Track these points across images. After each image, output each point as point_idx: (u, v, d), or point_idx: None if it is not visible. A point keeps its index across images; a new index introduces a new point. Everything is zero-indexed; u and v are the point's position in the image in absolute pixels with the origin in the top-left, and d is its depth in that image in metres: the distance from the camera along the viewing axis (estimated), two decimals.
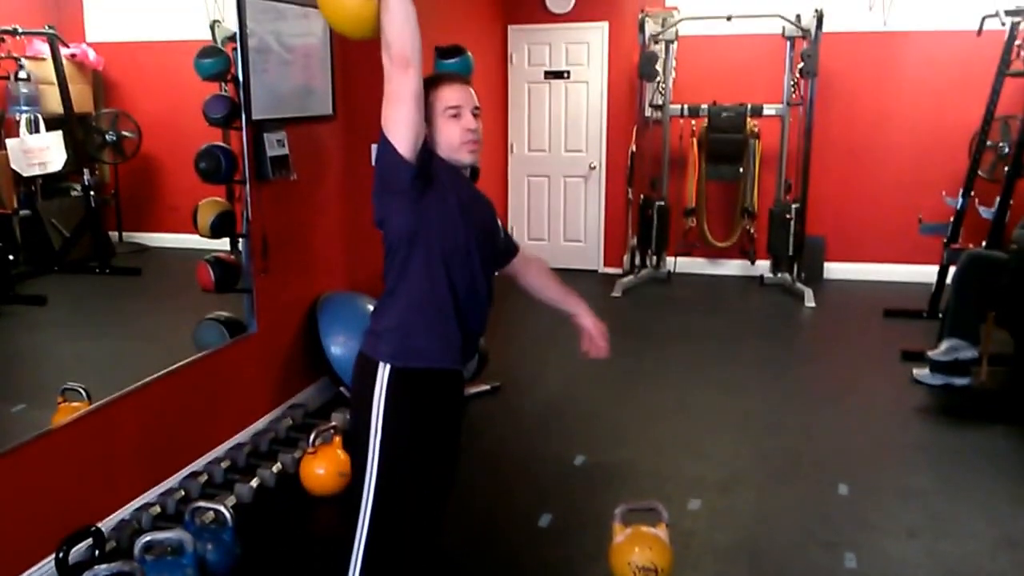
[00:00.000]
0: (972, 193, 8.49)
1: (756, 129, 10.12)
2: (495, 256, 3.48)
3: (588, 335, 3.71)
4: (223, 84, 5.48)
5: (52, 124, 5.43)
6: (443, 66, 6.16)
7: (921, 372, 6.91)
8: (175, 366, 5.18)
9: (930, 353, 6.78)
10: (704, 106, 10.10)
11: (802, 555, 4.56)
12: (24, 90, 5.29)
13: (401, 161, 3.04)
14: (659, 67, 10.05)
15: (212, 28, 5.62)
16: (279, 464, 5.36)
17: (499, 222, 3.51)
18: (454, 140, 3.25)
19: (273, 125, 5.69)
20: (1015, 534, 4.78)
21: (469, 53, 5.96)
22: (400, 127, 3.01)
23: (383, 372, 3.20)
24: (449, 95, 3.25)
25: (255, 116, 5.55)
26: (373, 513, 3.24)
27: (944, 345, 6.70)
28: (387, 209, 3.19)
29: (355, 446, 3.35)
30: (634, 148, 10.45)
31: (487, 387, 6.83)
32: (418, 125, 3.04)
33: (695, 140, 10.35)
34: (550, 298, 3.75)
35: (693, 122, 10.33)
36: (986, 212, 8.02)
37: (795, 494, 5.25)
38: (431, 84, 3.24)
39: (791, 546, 4.65)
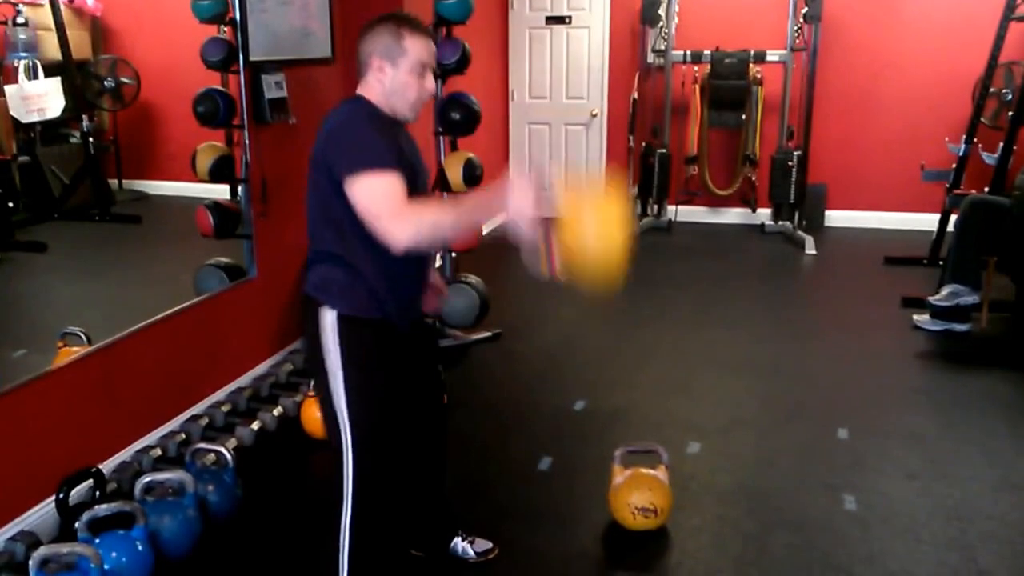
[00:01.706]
0: (975, 139, 8.44)
1: (759, 75, 10.07)
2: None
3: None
4: (221, 27, 5.45)
5: (50, 70, 5.40)
6: (442, 7, 6.15)
7: (922, 318, 6.92)
8: (175, 309, 5.17)
9: (931, 299, 6.79)
10: (707, 52, 10.04)
11: (801, 497, 4.57)
12: (22, 36, 5.26)
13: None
14: (662, 12, 10.02)
15: None
16: (280, 408, 5.37)
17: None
18: (411, 97, 3.24)
19: (271, 67, 5.66)
20: (1015, 477, 4.79)
21: None
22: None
23: (329, 316, 3.22)
24: (423, 50, 3.22)
25: (253, 58, 5.51)
26: (355, 453, 3.26)
27: (945, 291, 6.71)
28: (323, 176, 3.21)
29: (320, 387, 3.34)
30: (636, 95, 10.41)
31: (487, 334, 6.83)
32: None
33: (697, 87, 10.29)
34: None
35: (696, 68, 10.27)
36: (989, 158, 7.98)
37: (795, 438, 5.26)
38: (406, 25, 3.21)
39: (790, 489, 4.67)
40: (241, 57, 5.44)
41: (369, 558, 3.41)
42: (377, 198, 2.98)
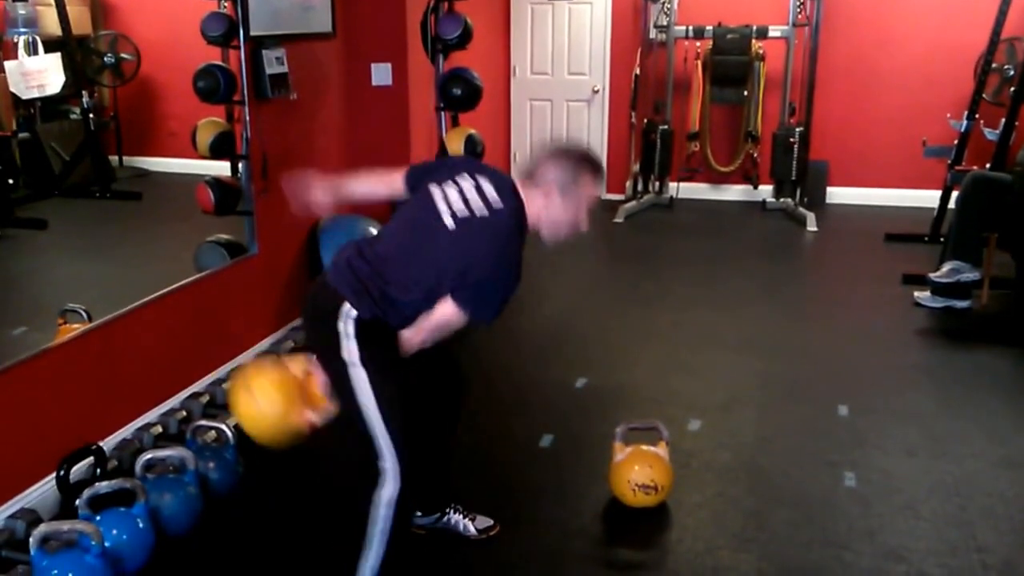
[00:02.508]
0: (977, 116, 8.43)
1: (761, 51, 10.04)
2: None
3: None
4: (221, 1, 5.43)
5: (50, 46, 5.39)
6: None
7: (922, 295, 6.92)
8: (175, 286, 5.16)
9: (931, 275, 6.78)
10: (709, 27, 10.00)
11: (802, 475, 4.58)
12: (22, 11, 5.25)
13: None
14: None
15: None
16: None
17: None
18: (565, 230, 3.41)
19: (272, 42, 5.63)
20: (1015, 454, 4.80)
21: None
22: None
23: (349, 311, 3.27)
24: (592, 195, 3.38)
25: (253, 33, 5.48)
26: (388, 429, 3.30)
27: (946, 267, 6.70)
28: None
29: (331, 369, 3.39)
30: (638, 71, 10.37)
31: None
32: None
33: (700, 63, 10.26)
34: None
35: (698, 44, 10.24)
36: (991, 134, 7.97)
37: (795, 415, 5.27)
38: (589, 165, 3.38)
39: (791, 466, 4.67)
40: (241, 32, 5.41)
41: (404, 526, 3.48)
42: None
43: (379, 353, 3.28)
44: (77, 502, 3.77)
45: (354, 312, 3.23)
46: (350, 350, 3.24)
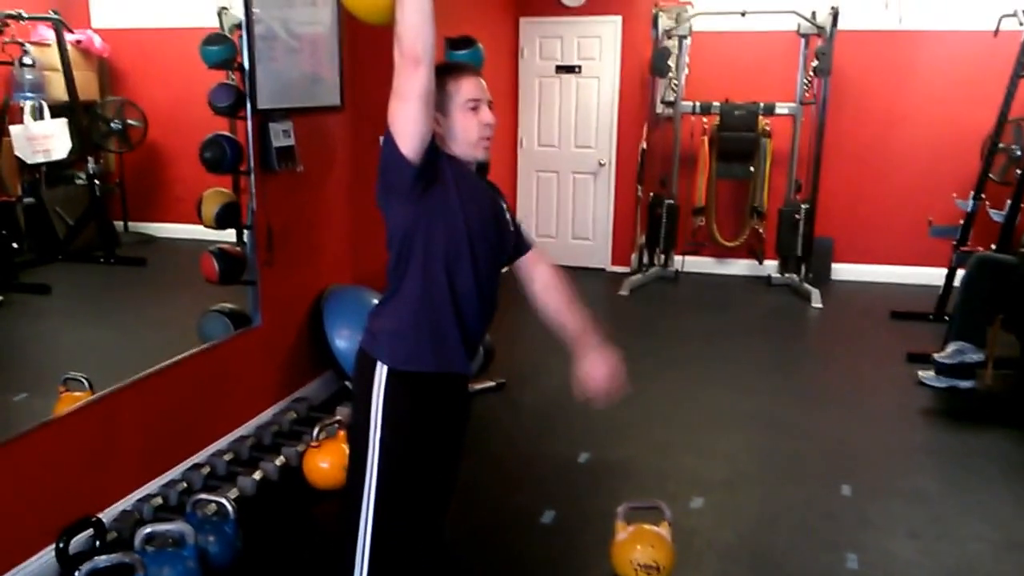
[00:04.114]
0: (983, 196, 8.45)
1: (768, 128, 10.08)
2: (503, 253, 3.38)
3: (589, 374, 3.56)
4: (229, 72, 5.45)
5: (57, 111, 5.41)
6: (453, 57, 6.14)
7: (926, 374, 6.88)
8: (178, 357, 5.15)
9: (936, 355, 6.75)
10: (716, 104, 10.05)
11: (804, 555, 4.54)
12: (29, 76, 5.27)
13: (403, 160, 2.95)
14: (672, 63, 10.01)
15: (219, 15, 5.60)
16: (282, 457, 5.34)
17: (509, 216, 3.40)
18: (471, 135, 3.17)
19: (279, 115, 5.66)
20: (1019, 537, 4.76)
21: (480, 45, 5.96)
22: (405, 125, 2.92)
23: (380, 372, 3.13)
24: (468, 87, 3.17)
25: (261, 105, 5.51)
26: (375, 510, 3.17)
27: (950, 348, 6.67)
28: (388, 205, 3.11)
29: (355, 440, 3.27)
30: (644, 145, 10.42)
31: (491, 384, 6.80)
32: (424, 124, 2.93)
33: (706, 138, 10.31)
34: (554, 319, 3.61)
35: (705, 120, 10.29)
36: (996, 215, 7.98)
37: (798, 494, 5.22)
38: (448, 73, 3.17)
39: (793, 546, 4.63)
40: (249, 104, 5.44)
41: None
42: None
43: (406, 421, 3.20)
44: (76, 575, 3.74)
45: (383, 368, 3.15)
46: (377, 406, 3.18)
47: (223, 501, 4.47)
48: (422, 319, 3.14)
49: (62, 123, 5.44)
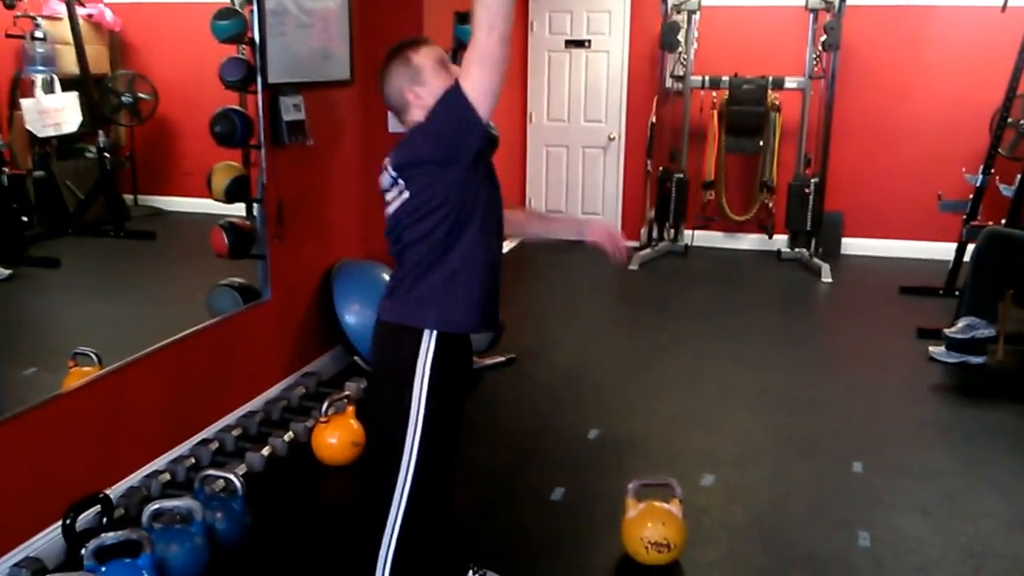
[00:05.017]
0: (992, 170, 8.42)
1: (777, 102, 10.05)
2: None
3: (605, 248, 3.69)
4: (240, 46, 5.42)
5: (68, 85, 5.42)
6: (462, 31, 6.14)
7: (937, 350, 6.88)
8: (187, 332, 5.14)
9: (947, 331, 6.75)
10: (725, 78, 10.04)
11: (815, 533, 4.53)
12: (40, 50, 5.27)
13: (478, 125, 3.02)
14: (681, 37, 9.99)
15: None
16: (291, 433, 5.33)
17: None
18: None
19: (290, 89, 5.63)
20: None
21: None
22: (491, 90, 2.98)
23: (428, 339, 3.19)
24: (433, 55, 3.30)
25: (271, 80, 5.48)
26: (415, 476, 3.23)
27: (961, 323, 6.67)
28: (433, 177, 3.14)
29: (386, 412, 3.34)
30: (654, 119, 10.40)
31: (502, 359, 6.78)
32: (498, 94, 3.03)
33: (715, 112, 10.28)
34: (552, 231, 3.97)
35: (714, 94, 10.26)
36: (1006, 190, 7.96)
37: (809, 471, 5.22)
38: (403, 50, 3.31)
39: (804, 523, 4.62)
40: (260, 79, 5.41)
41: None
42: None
43: (446, 389, 3.29)
44: (83, 551, 3.74)
45: (432, 334, 3.23)
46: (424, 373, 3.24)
47: (231, 477, 4.45)
48: (471, 281, 3.22)
49: (73, 97, 5.44)
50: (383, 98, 3.35)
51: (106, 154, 5.83)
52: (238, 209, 5.64)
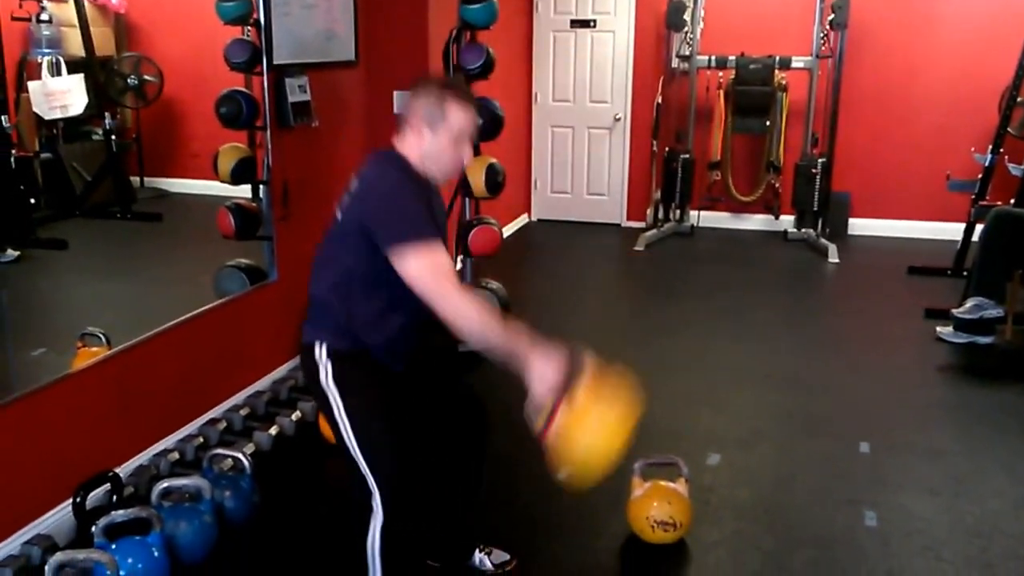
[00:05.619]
0: (1001, 150, 8.38)
1: (784, 82, 10.02)
2: None
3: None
4: (245, 28, 5.42)
5: (74, 67, 5.41)
6: (467, 12, 6.12)
7: (945, 330, 6.88)
8: (195, 312, 5.16)
9: (955, 311, 6.75)
10: (732, 58, 10.01)
11: (822, 513, 4.54)
12: (46, 32, 5.26)
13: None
14: (687, 17, 9.98)
15: None
16: (298, 412, 5.34)
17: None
18: (446, 165, 3.33)
19: (295, 70, 5.63)
20: None
21: None
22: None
23: (320, 350, 3.34)
24: (464, 120, 3.27)
25: (276, 61, 5.48)
26: (379, 477, 3.30)
27: (969, 303, 6.66)
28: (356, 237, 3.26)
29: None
30: (660, 100, 10.38)
31: None
32: None
33: (722, 92, 10.26)
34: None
35: (720, 74, 10.25)
36: (1015, 169, 7.93)
37: (816, 451, 5.22)
38: (453, 95, 3.26)
39: (811, 503, 4.63)
40: (265, 60, 5.41)
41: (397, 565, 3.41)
42: (439, 274, 3.09)
43: (358, 387, 3.33)
44: (93, 529, 3.76)
45: (324, 345, 3.33)
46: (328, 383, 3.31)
47: (239, 456, 4.49)
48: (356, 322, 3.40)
49: (79, 79, 5.43)
50: (412, 104, 3.32)
51: (112, 136, 5.83)
52: (244, 191, 5.65)
